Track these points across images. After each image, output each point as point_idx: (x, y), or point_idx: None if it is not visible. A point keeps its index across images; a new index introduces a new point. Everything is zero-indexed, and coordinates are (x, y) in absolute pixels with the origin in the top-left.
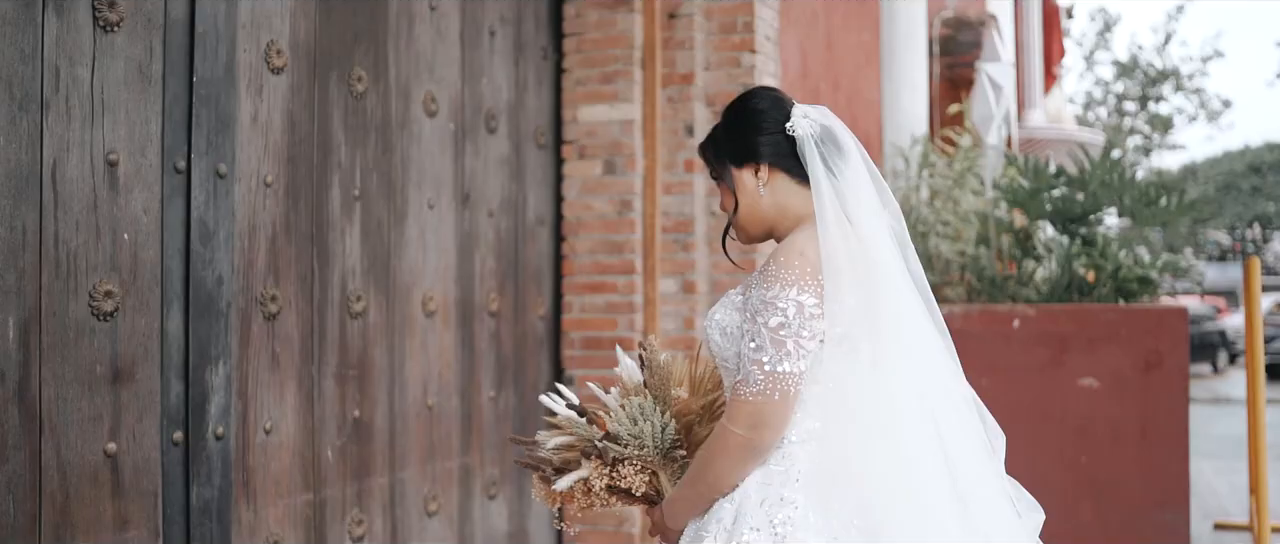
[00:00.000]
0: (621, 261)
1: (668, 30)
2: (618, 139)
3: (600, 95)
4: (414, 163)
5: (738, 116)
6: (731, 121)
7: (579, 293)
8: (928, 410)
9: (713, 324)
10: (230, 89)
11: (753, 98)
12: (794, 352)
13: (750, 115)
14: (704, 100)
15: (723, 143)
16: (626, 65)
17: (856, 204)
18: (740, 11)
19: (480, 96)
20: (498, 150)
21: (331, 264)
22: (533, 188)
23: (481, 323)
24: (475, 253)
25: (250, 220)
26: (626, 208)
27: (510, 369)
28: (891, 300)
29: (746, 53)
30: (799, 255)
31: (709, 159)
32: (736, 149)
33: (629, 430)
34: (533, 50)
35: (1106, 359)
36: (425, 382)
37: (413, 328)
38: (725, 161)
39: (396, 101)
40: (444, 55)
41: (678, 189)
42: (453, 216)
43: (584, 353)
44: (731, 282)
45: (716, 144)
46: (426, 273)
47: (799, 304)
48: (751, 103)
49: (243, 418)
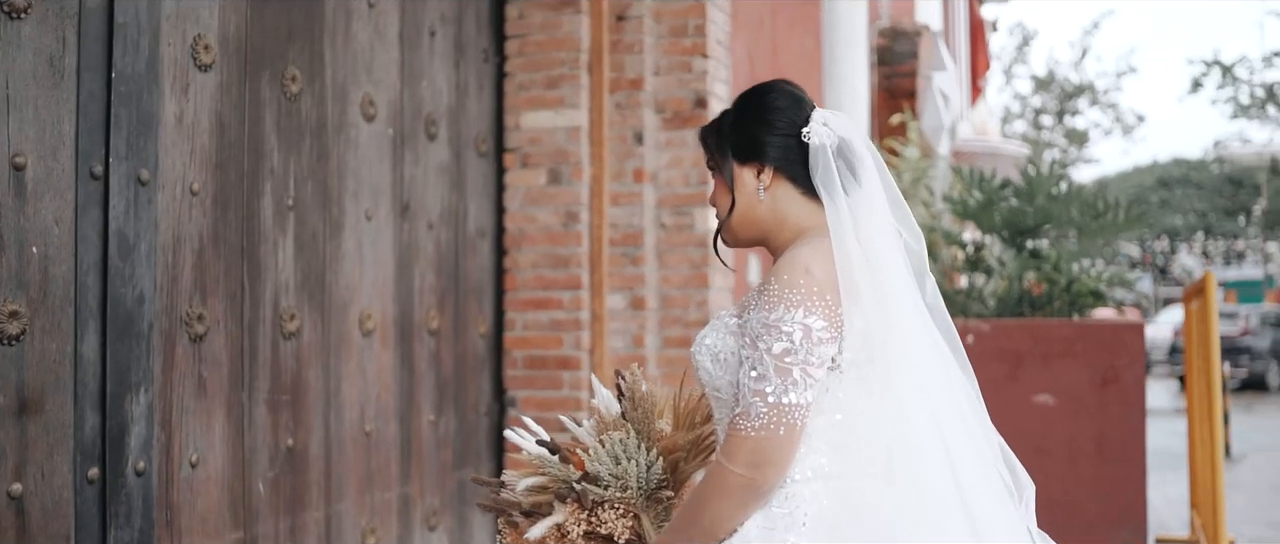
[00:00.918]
0: (567, 276)
1: (616, 33)
2: (563, 147)
3: (545, 101)
4: (351, 170)
5: (750, 109)
6: (742, 112)
7: (522, 309)
8: (944, 449)
9: (703, 349)
10: (153, 87)
11: (770, 92)
12: (801, 381)
13: (764, 110)
14: (654, 106)
15: (728, 133)
16: (572, 69)
17: (869, 224)
18: (691, 14)
19: (420, 100)
20: (438, 158)
21: (263, 280)
22: (474, 198)
23: (421, 342)
24: (414, 267)
25: (174, 232)
26: (572, 219)
27: (450, 391)
28: (904, 327)
29: (698, 57)
30: (804, 273)
31: (709, 146)
32: (742, 143)
33: (611, 470)
34: (474, 52)
35: (1062, 375)
36: (362, 406)
37: (349, 348)
38: (727, 154)
39: (333, 104)
40: (382, 56)
41: (626, 200)
42: (391, 228)
43: (527, 372)
44: (682, 297)
45: (721, 133)
46: (364, 289)
47: (806, 328)
48: (768, 97)
49: (166, 450)
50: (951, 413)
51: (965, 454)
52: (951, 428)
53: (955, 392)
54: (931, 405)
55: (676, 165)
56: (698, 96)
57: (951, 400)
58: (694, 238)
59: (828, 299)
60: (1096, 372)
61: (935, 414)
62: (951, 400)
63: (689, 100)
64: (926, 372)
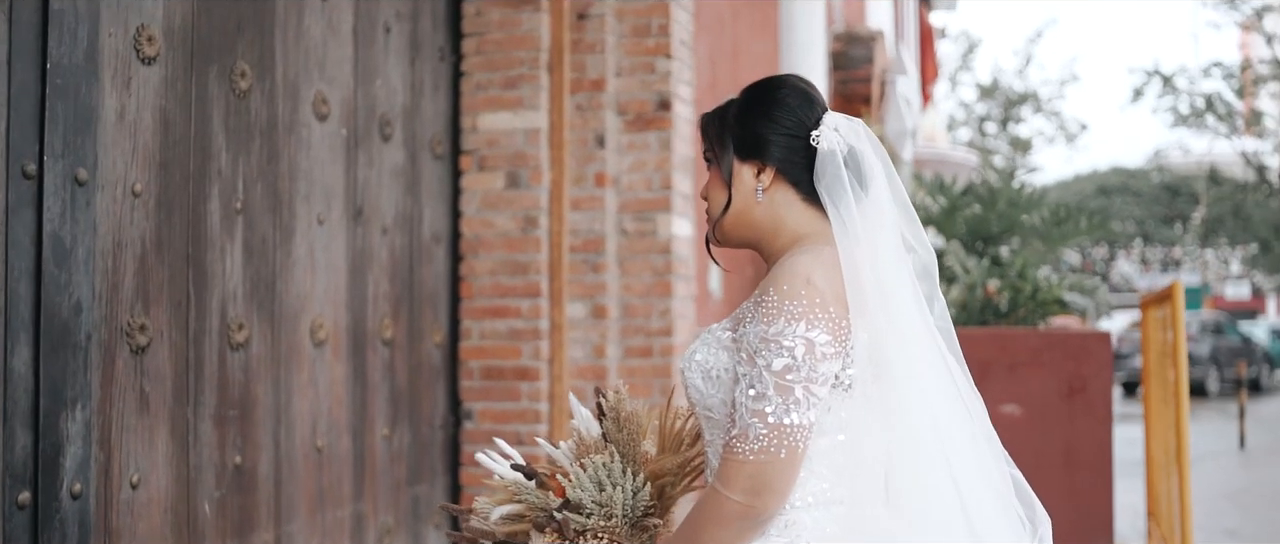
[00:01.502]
0: (525, 284)
1: (577, 32)
2: (522, 149)
3: (503, 101)
4: (303, 172)
5: (757, 102)
6: (749, 105)
7: (478, 318)
8: (952, 478)
9: (693, 366)
10: (92, 80)
11: (781, 86)
12: (803, 400)
13: (772, 106)
14: (615, 108)
15: (731, 124)
16: (532, 69)
17: (876, 237)
18: (655, 13)
19: (374, 99)
20: (392, 160)
21: (210, 288)
22: (429, 202)
23: (375, 352)
24: (368, 274)
25: (115, 236)
26: (531, 225)
27: (405, 404)
28: (913, 345)
29: (661, 58)
30: (805, 283)
31: (710, 136)
32: (745, 138)
33: (594, 497)
34: (430, 50)
35: (1029, 385)
36: (314, 420)
37: (300, 359)
38: (728, 146)
39: (284, 102)
40: (336, 52)
41: (587, 205)
42: (344, 233)
43: (484, 384)
44: (645, 306)
45: (722, 122)
46: (315, 297)
47: (808, 342)
48: (778, 92)
49: (105, 471)
50: (961, 437)
51: (974, 483)
52: (960, 454)
53: (964, 416)
54: (939, 429)
55: (639, 169)
56: (661, 98)
57: (961, 425)
58: (657, 244)
59: (831, 312)
60: (1063, 381)
61: (943, 439)
62: (961, 425)
63: (652, 102)
64: (934, 393)
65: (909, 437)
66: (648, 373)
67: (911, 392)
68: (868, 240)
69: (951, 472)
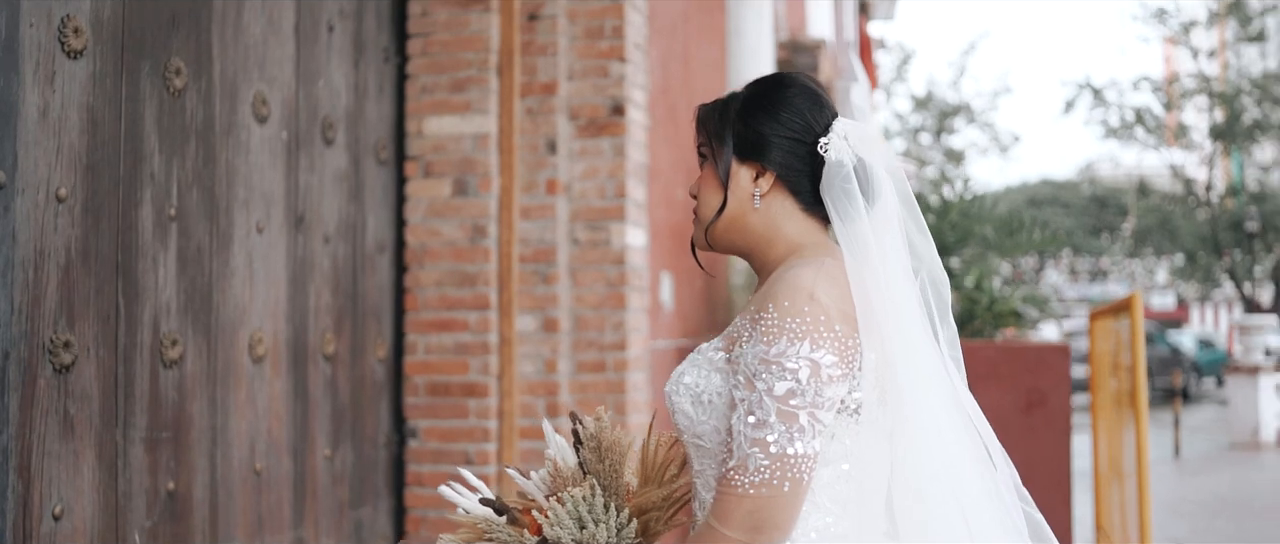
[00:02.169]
0: (473, 295)
1: (528, 33)
2: (470, 155)
3: (450, 105)
4: (241, 176)
5: (763, 100)
6: (755, 102)
7: (424, 331)
8: (962, 512)
9: (681, 390)
10: (11, 74)
11: (790, 85)
12: (808, 427)
13: (779, 105)
14: (567, 113)
15: (732, 120)
16: (481, 71)
17: (882, 256)
18: (609, 15)
19: (316, 101)
20: (335, 164)
21: (141, 300)
22: (372, 209)
23: (316, 367)
24: (309, 285)
25: (38, 244)
26: (479, 234)
27: (347, 422)
28: (919, 368)
29: (615, 61)
30: (808, 298)
31: (709, 129)
32: (747, 136)
33: (574, 535)
34: (374, 51)
35: (986, 399)
36: (252, 441)
37: (238, 376)
38: (727, 143)
39: (221, 102)
40: (277, 50)
41: (538, 213)
42: (284, 241)
43: (429, 401)
44: (598, 319)
45: (723, 117)
46: (254, 309)
47: (813, 364)
48: (786, 90)
49: (24, 502)
50: (972, 471)
51: (986, 521)
52: (970, 489)
53: (975, 446)
54: (949, 460)
55: (592, 176)
56: (615, 103)
57: (973, 457)
58: (610, 254)
59: (837, 330)
60: (1022, 395)
61: (953, 470)
62: (973, 457)
63: (605, 107)
64: (944, 421)
65: (917, 468)
66: (601, 388)
67: (921, 419)
68: (877, 256)
69: (961, 507)
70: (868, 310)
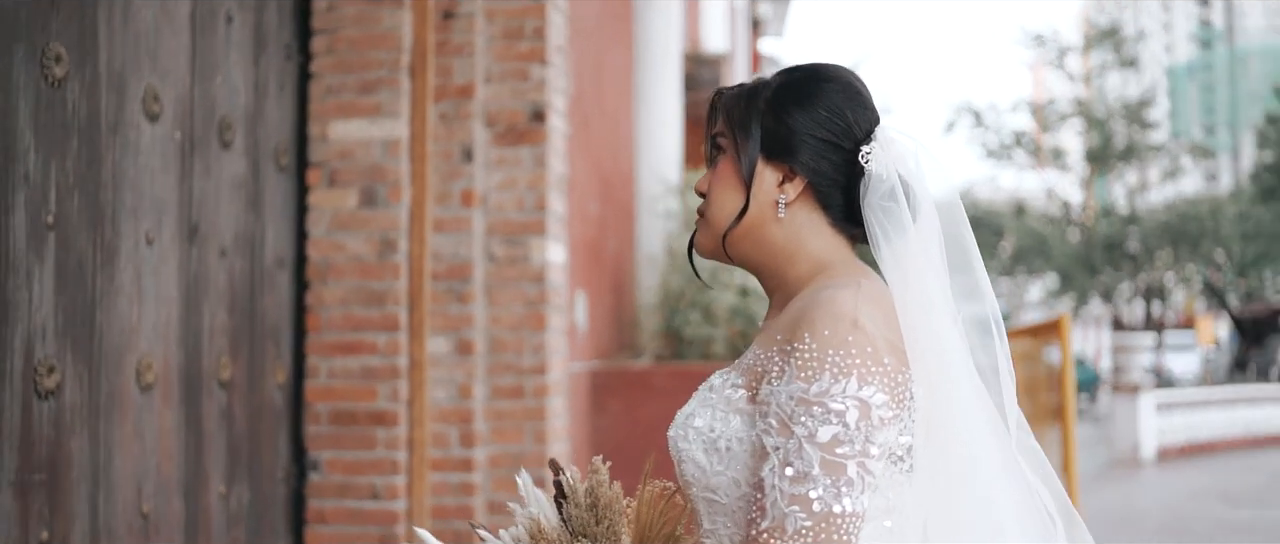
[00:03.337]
0: (382, 315)
1: (443, 32)
2: (379, 163)
3: (357, 108)
4: (129, 181)
5: (799, 92)
6: (787, 92)
7: (327, 354)
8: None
9: (691, 435)
10: None
11: (830, 78)
12: (857, 480)
13: (816, 100)
14: (484, 119)
15: (762, 110)
16: (392, 72)
17: (924, 277)
18: (530, 15)
19: (213, 100)
20: (233, 170)
21: (12, 321)
22: (272, 220)
23: (211, 396)
24: (204, 304)
25: None
26: (389, 249)
27: (244, 455)
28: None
29: (536, 64)
30: (852, 326)
31: (732, 118)
32: (778, 132)
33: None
34: (275, 47)
35: None
36: (139, 480)
37: (124, 407)
38: (753, 136)
39: (108, 95)
40: (170, 41)
41: (452, 226)
42: (177, 255)
43: (333, 430)
44: (516, 340)
45: (749, 105)
46: (143, 331)
47: (862, 404)
48: (826, 84)
49: None
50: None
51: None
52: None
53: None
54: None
55: (510, 187)
56: (535, 109)
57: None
58: (529, 271)
59: (887, 365)
60: None
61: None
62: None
63: (525, 113)
64: (992, 467)
65: (962, 526)
66: (519, 416)
67: (967, 467)
68: (917, 281)
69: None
70: (913, 341)
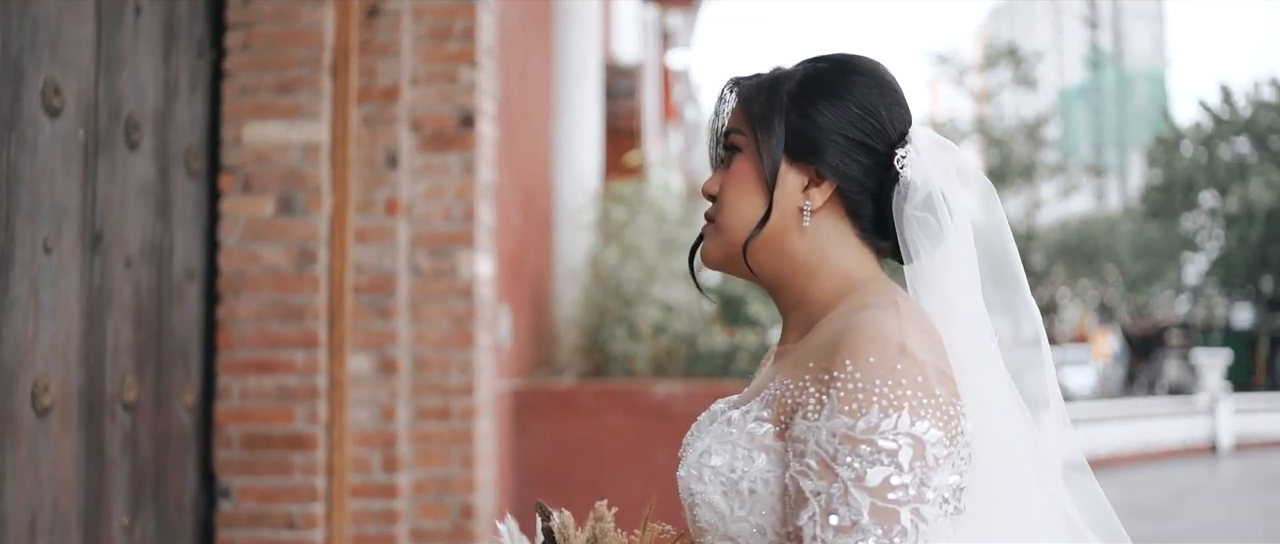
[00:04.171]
0: (300, 331)
1: (367, 30)
2: (298, 168)
3: (275, 109)
4: (26, 182)
5: (827, 84)
6: (814, 85)
7: (240, 373)
8: None
9: (707, 475)
10: None
11: (861, 71)
12: (911, 529)
13: (846, 94)
14: (411, 123)
15: (784, 105)
16: (312, 72)
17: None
18: (459, 14)
19: (120, 96)
20: (140, 173)
21: None
22: (182, 228)
23: (114, 420)
24: (107, 318)
25: None
26: (307, 260)
27: (149, 482)
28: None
29: (465, 66)
30: (899, 352)
31: (752, 112)
32: (803, 129)
33: None
34: (186, 42)
35: None
36: (34, 514)
37: (18, 432)
38: (775, 133)
39: (3, 86)
40: (74, 30)
41: (376, 237)
42: (78, 265)
43: (245, 454)
44: (442, 358)
45: (772, 97)
46: (40, 349)
47: (916, 442)
48: (857, 78)
49: None
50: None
51: None
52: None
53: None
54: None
55: (437, 195)
56: (464, 113)
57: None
58: (457, 285)
59: (939, 396)
60: None
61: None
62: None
63: (453, 117)
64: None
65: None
66: (445, 439)
67: (1015, 510)
68: (959, 301)
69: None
70: (964, 371)
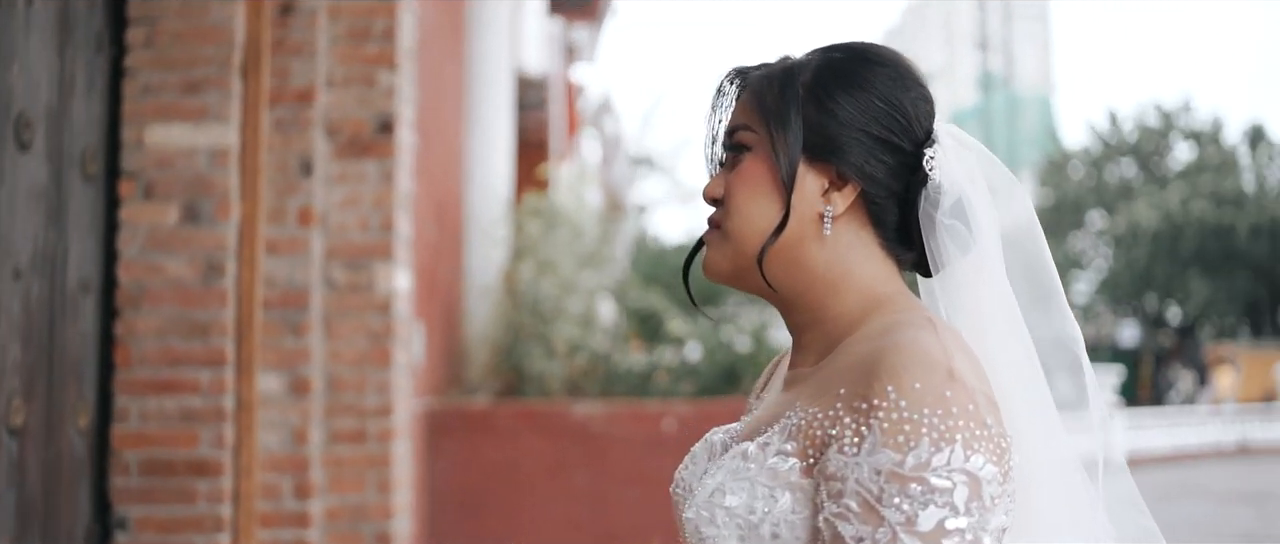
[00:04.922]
0: (205, 349)
1: (280, 29)
2: (204, 174)
3: (180, 110)
4: None
5: (847, 76)
6: (832, 76)
7: (139, 394)
8: None
9: (720, 518)
10: None
11: (882, 62)
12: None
13: (868, 87)
14: (326, 127)
15: (799, 98)
16: (221, 71)
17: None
18: (379, 15)
19: (10, 92)
20: (31, 176)
21: None
22: (77, 237)
23: (0, 446)
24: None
25: None
26: (215, 272)
27: (38, 514)
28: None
29: (384, 69)
30: (948, 378)
31: (764, 105)
32: (822, 126)
33: None
34: (84, 37)
35: None
36: None
37: None
38: (790, 128)
39: None
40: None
41: (288, 248)
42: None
43: (145, 482)
44: (358, 378)
45: (785, 90)
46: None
47: (972, 479)
48: (878, 69)
49: None
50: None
51: None
52: None
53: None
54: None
55: (353, 205)
56: (382, 119)
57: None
58: (374, 300)
59: (990, 426)
60: None
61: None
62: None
63: (371, 123)
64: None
65: None
66: (361, 463)
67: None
68: (996, 317)
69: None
70: (1008, 398)
